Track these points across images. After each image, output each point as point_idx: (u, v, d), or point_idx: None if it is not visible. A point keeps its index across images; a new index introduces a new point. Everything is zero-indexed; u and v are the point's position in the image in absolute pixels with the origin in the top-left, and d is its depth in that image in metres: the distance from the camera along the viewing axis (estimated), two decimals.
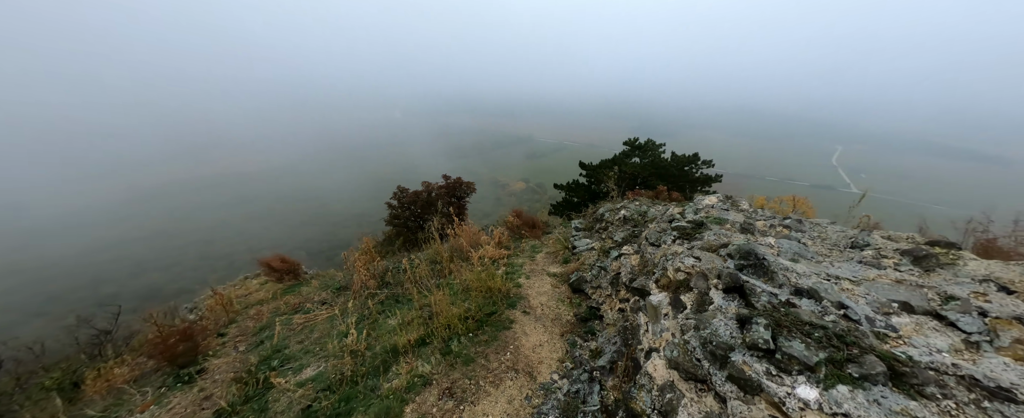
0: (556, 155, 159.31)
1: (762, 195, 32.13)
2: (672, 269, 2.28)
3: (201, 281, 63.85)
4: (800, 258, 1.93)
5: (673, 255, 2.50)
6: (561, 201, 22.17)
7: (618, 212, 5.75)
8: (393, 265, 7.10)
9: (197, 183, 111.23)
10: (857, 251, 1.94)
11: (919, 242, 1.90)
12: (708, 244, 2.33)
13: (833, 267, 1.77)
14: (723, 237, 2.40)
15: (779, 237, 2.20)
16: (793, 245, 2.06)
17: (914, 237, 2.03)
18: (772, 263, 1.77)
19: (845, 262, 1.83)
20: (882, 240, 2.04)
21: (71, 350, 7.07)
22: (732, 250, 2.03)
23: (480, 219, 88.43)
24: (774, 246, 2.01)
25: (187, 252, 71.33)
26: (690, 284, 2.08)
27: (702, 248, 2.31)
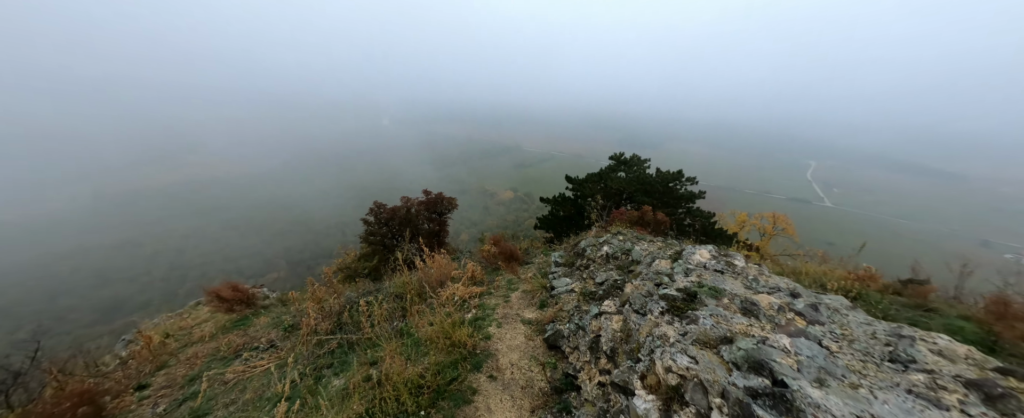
0: (544, 165, 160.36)
1: (743, 209, 32.28)
2: (661, 366, 1.78)
3: (169, 293, 60.55)
4: (828, 378, 1.45)
5: (662, 341, 2.00)
6: (547, 214, 21.77)
7: (600, 248, 5.26)
8: (355, 298, 6.39)
9: (171, 189, 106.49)
10: (900, 369, 1.49)
11: (986, 369, 1.46)
12: (705, 335, 1.84)
13: (876, 400, 1.30)
14: (723, 324, 1.92)
15: (793, 334, 1.73)
16: (815, 350, 1.58)
17: (972, 353, 1.60)
18: (796, 394, 1.29)
19: (890, 391, 1.36)
20: (930, 354, 1.59)
21: None
22: (738, 356, 1.55)
23: (468, 227, 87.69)
24: (790, 352, 1.55)
25: (156, 262, 67.55)
26: (685, 395, 1.58)
27: (698, 341, 1.82)
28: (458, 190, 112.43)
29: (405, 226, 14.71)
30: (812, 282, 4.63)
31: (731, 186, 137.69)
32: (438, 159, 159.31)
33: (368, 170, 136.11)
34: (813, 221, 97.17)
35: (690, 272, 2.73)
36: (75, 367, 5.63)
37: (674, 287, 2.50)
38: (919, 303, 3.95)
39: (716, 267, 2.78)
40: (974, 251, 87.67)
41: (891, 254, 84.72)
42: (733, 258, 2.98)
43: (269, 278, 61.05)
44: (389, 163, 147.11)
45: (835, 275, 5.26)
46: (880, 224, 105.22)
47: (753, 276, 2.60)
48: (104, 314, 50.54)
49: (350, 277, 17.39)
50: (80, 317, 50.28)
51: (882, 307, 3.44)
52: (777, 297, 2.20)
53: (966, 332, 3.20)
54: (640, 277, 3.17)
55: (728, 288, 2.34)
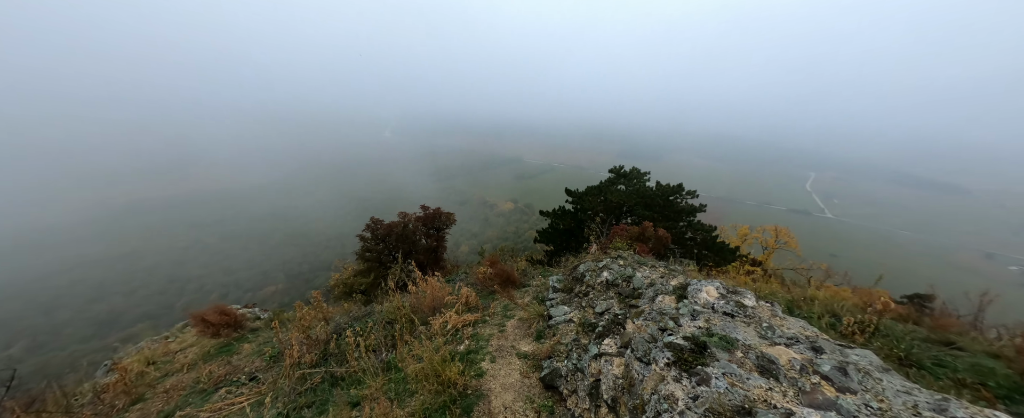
0: (544, 176, 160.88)
1: (744, 222, 32.01)
2: None
3: (166, 306, 59.76)
4: None
5: (669, 404, 1.76)
6: (547, 228, 21.54)
7: (599, 273, 5.02)
8: (343, 325, 6.12)
9: (174, 201, 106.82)
10: None
11: None
12: (719, 403, 1.61)
13: None
14: (738, 386, 1.69)
15: (822, 406, 1.50)
16: None
17: None
18: None
19: None
20: None
21: None
22: None
23: (468, 239, 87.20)
24: None
25: (156, 273, 67.12)
26: None
27: (712, 410, 1.59)
28: (458, 201, 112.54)
29: (402, 242, 14.49)
30: (824, 310, 4.37)
31: (731, 198, 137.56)
32: (439, 171, 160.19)
33: (369, 182, 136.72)
34: (815, 233, 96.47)
35: (697, 314, 2.50)
36: (48, 400, 5.33)
37: (681, 334, 2.26)
38: (941, 338, 3.69)
39: (725, 309, 2.55)
40: (979, 263, 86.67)
41: (897, 268, 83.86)
42: (743, 297, 2.74)
43: (267, 291, 60.47)
44: (390, 175, 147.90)
45: (848, 302, 5.00)
46: (883, 236, 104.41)
47: (767, 321, 2.37)
48: (100, 328, 49.89)
49: (346, 293, 17.08)
50: (75, 331, 49.62)
51: (904, 346, 3.19)
52: (797, 351, 1.97)
53: (998, 375, 2.93)
54: (643, 316, 2.93)
55: (741, 337, 2.11)
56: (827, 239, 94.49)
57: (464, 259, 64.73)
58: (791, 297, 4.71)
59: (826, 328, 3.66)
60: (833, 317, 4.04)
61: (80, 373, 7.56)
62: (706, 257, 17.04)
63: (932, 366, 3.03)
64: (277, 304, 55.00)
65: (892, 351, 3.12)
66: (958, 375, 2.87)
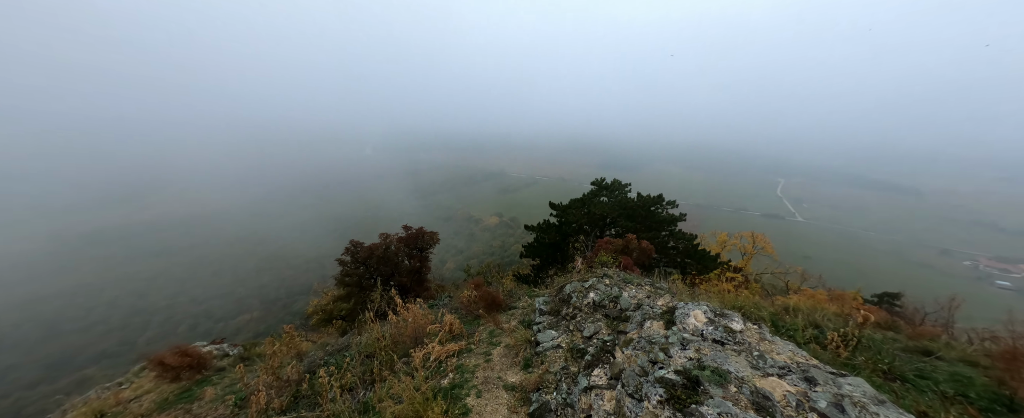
0: (528, 190, 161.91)
1: (722, 228, 32.95)
2: None
3: (127, 342, 55.47)
4: None
5: None
6: (532, 242, 21.43)
7: (586, 294, 4.93)
8: (318, 361, 5.71)
9: (137, 229, 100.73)
10: None
11: None
12: None
13: None
14: None
15: None
16: None
17: None
18: None
19: None
20: None
21: None
22: None
23: (454, 255, 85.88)
24: None
25: (117, 307, 62.36)
26: None
27: None
28: (443, 218, 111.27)
29: (384, 265, 14.01)
30: (807, 322, 4.40)
31: (709, 204, 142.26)
32: (422, 187, 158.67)
33: (350, 201, 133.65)
34: (788, 236, 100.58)
35: (687, 343, 2.42)
36: None
37: (672, 368, 2.17)
38: (919, 346, 3.75)
39: (714, 335, 2.49)
40: (936, 260, 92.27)
41: (864, 267, 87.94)
42: (731, 320, 2.69)
43: (241, 320, 57.12)
44: (372, 193, 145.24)
45: (829, 311, 5.08)
46: (849, 237, 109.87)
47: (756, 347, 2.31)
48: (50, 371, 45.57)
49: (326, 320, 16.26)
50: (22, 375, 45.11)
51: (887, 360, 3.21)
52: (790, 382, 1.90)
53: (976, 385, 2.98)
54: (632, 344, 2.83)
55: (733, 369, 2.04)
56: (800, 242, 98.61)
57: (450, 276, 63.77)
58: (774, 310, 4.74)
59: (811, 342, 3.67)
60: (816, 329, 4.06)
61: None
62: (689, 265, 17.33)
63: (915, 378, 3.05)
64: (252, 334, 51.84)
65: (877, 366, 3.13)
66: (941, 388, 2.90)
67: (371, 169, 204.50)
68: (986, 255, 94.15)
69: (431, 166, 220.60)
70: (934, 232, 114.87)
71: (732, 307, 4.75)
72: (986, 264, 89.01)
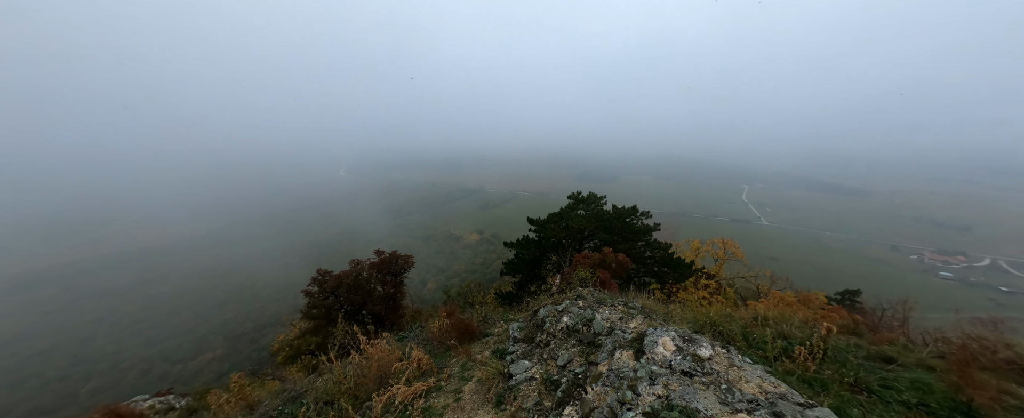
0: (508, 205, 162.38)
1: (695, 236, 34.06)
2: None
3: (69, 395, 49.84)
4: None
5: None
6: (513, 258, 21.15)
7: (560, 318, 4.76)
8: (272, 411, 5.15)
9: (83, 266, 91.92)
10: None
11: None
12: None
13: None
14: None
15: None
16: None
17: None
18: None
19: None
20: None
21: None
22: None
23: (435, 274, 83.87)
24: None
25: (53, 356, 55.85)
26: None
27: None
28: (422, 237, 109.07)
29: (354, 294, 13.28)
30: (776, 334, 4.43)
31: (681, 212, 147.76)
32: (399, 207, 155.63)
33: (323, 225, 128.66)
34: (755, 240, 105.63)
35: (656, 378, 2.30)
36: None
37: (640, 409, 2.03)
38: (880, 353, 3.83)
39: (683, 366, 2.39)
40: (887, 255, 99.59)
41: (824, 266, 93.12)
42: (698, 346, 2.61)
43: (202, 360, 52.51)
44: (346, 216, 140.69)
45: (796, 318, 5.16)
46: (810, 238, 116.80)
47: (725, 377, 2.23)
48: None
49: (293, 357, 15.12)
50: None
51: (852, 372, 3.24)
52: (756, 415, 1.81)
53: (936, 392, 3.03)
54: (602, 380, 2.68)
55: (701, 407, 1.93)
56: (767, 244, 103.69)
57: (430, 298, 61.80)
58: (745, 322, 4.76)
59: (780, 357, 3.66)
60: (785, 341, 4.08)
61: None
62: (666, 274, 17.61)
63: (880, 390, 3.07)
64: (214, 375, 47.55)
65: (843, 379, 3.14)
66: (904, 397, 2.92)
67: (345, 191, 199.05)
68: (930, 249, 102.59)
69: (408, 185, 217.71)
70: (883, 229, 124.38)
71: (705, 322, 4.72)
72: (930, 257, 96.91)
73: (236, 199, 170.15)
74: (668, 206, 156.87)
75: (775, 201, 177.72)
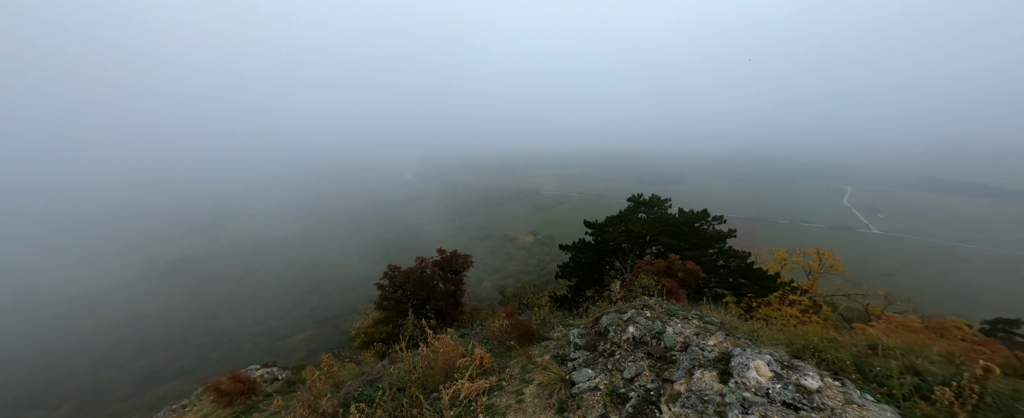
0: (562, 207, 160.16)
1: (780, 245, 30.04)
2: None
3: (203, 360, 60.46)
4: None
5: None
6: (568, 261, 20.74)
7: (625, 328, 4.51)
8: (352, 393, 5.72)
9: (210, 255, 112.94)
10: None
11: None
12: None
13: None
14: None
15: None
16: None
17: None
18: None
19: None
20: None
21: None
22: None
23: (491, 274, 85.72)
24: None
25: (193, 328, 69.18)
26: None
27: None
28: (479, 237, 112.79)
29: (420, 289, 14.23)
30: (904, 368, 3.62)
31: (762, 217, 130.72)
32: (457, 208, 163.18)
33: (390, 224, 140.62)
34: (861, 251, 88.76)
35: (750, 407, 2.01)
36: None
37: None
38: None
39: (784, 396, 2.06)
40: None
41: (962, 286, 74.63)
42: (804, 375, 2.23)
43: (296, 339, 60.69)
44: (411, 216, 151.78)
45: (931, 351, 4.17)
46: (937, 249, 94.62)
47: (841, 415, 1.86)
48: (139, 387, 50.96)
49: (367, 343, 16.67)
50: (118, 390, 50.88)
51: None
52: None
53: None
54: (680, 400, 2.45)
55: None
56: (877, 257, 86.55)
57: (487, 296, 63.32)
58: (857, 350, 3.98)
59: (912, 397, 2.96)
60: (918, 378, 3.31)
61: None
62: (743, 286, 15.70)
63: None
64: (305, 353, 54.64)
65: None
66: None
67: (410, 194, 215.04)
68: None
69: (466, 188, 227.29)
70: None
71: (804, 346, 4.07)
72: None
73: (320, 201, 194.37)
74: (745, 210, 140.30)
75: (888, 205, 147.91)
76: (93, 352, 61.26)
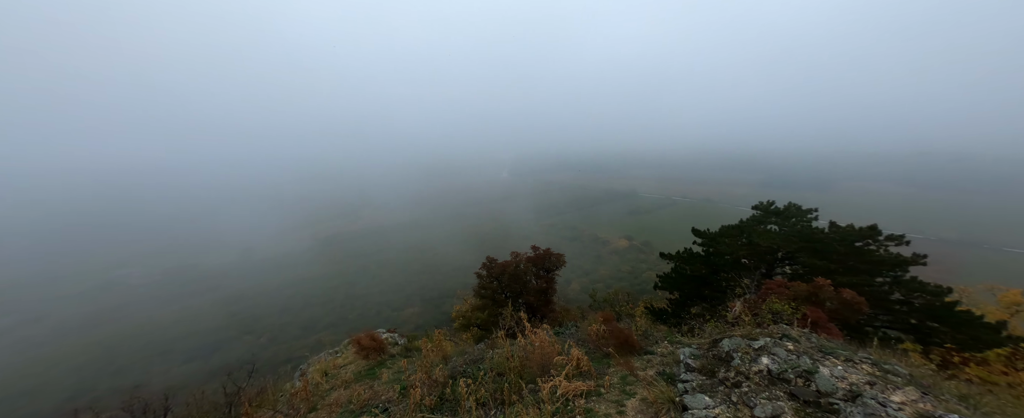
0: (662, 212, 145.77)
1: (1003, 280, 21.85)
2: None
3: (342, 318, 75.29)
4: None
5: None
6: (670, 272, 18.75)
7: (756, 358, 3.83)
8: (459, 369, 6.38)
9: (350, 235, 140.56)
10: None
11: None
12: None
13: None
14: None
15: None
16: None
17: None
18: None
19: None
20: None
21: (214, 402, 8.10)
22: None
23: (580, 276, 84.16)
24: None
25: (338, 292, 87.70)
26: None
27: None
28: (569, 237, 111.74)
29: (514, 282, 14.91)
30: None
31: (973, 242, 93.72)
32: (549, 207, 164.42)
33: (486, 218, 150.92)
34: None
35: None
36: (265, 396, 7.25)
37: None
38: None
39: None
40: None
41: None
42: None
43: (407, 313, 70.91)
44: (505, 212, 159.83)
45: None
46: None
47: None
48: (304, 331, 67.11)
49: (465, 326, 18.34)
50: (292, 331, 68.03)
51: None
52: None
53: None
54: None
55: None
56: None
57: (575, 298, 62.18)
58: None
59: None
60: None
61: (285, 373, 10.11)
62: (935, 332, 11.58)
63: None
64: (413, 325, 63.51)
65: None
66: None
67: (505, 190, 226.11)
68: None
69: (558, 187, 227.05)
70: None
71: None
72: None
73: (429, 194, 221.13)
74: (940, 230, 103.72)
75: None
76: (280, 301, 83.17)
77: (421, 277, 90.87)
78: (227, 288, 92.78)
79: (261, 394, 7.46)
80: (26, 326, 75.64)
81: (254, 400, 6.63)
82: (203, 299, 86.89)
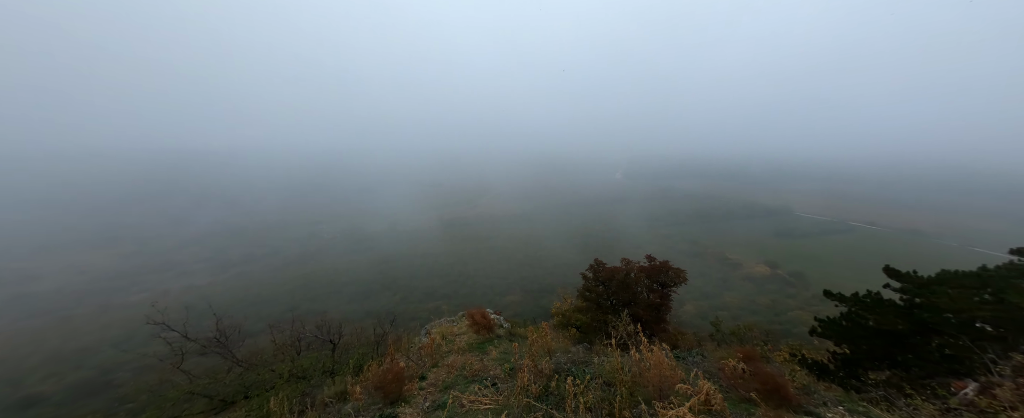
0: (829, 239, 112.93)
1: None
2: None
3: (455, 292, 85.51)
4: None
5: None
6: (841, 319, 14.52)
7: None
8: (564, 366, 6.35)
9: (468, 220, 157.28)
10: None
11: None
12: None
13: None
14: None
15: None
16: None
17: None
18: None
19: None
20: None
21: (368, 338, 10.30)
22: None
23: (697, 299, 74.30)
24: None
25: (453, 269, 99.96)
26: None
27: None
28: (689, 252, 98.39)
29: (623, 291, 13.95)
30: None
31: None
32: (666, 216, 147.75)
33: (595, 219, 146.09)
34: None
35: None
36: (400, 343, 8.86)
37: None
38: None
39: None
40: None
41: None
42: None
43: (508, 299, 75.46)
44: (617, 216, 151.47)
45: None
46: None
47: None
48: (425, 298, 78.93)
49: (563, 325, 18.27)
50: (416, 296, 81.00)
51: None
52: None
53: None
54: None
55: None
56: None
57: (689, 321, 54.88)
58: None
59: None
60: None
61: (413, 328, 12.11)
62: None
63: None
64: (512, 313, 67.25)
65: None
66: None
67: (618, 193, 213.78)
68: None
69: (681, 194, 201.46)
70: None
71: None
72: None
73: (540, 190, 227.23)
74: None
75: None
76: (411, 268, 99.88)
77: (523, 268, 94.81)
78: (379, 250, 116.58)
79: (397, 341, 9.11)
80: (269, 257, 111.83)
81: (395, 343, 8.10)
82: (363, 256, 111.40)
